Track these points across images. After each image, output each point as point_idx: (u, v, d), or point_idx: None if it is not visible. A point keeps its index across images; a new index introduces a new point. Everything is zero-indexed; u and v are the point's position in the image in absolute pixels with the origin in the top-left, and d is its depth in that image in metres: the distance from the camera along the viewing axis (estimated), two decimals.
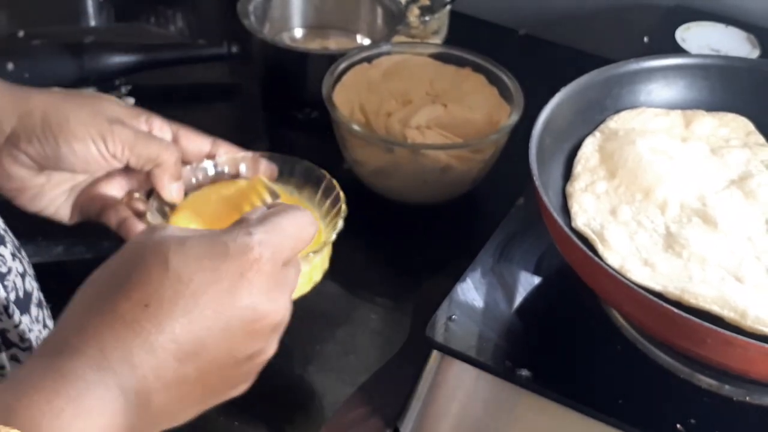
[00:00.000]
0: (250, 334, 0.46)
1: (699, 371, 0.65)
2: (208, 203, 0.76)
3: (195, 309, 0.44)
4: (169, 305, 0.43)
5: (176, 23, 1.21)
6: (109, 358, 0.42)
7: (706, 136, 0.78)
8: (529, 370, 0.65)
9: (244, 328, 0.46)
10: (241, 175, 0.77)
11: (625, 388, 0.65)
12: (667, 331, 0.61)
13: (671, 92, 0.81)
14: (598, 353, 0.68)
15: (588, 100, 0.77)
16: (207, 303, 0.44)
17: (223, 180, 0.77)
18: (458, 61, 0.96)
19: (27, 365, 0.42)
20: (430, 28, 1.10)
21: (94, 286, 0.45)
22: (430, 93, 0.93)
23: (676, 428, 0.62)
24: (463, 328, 0.69)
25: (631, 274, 0.64)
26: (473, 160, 0.88)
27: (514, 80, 0.91)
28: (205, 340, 0.44)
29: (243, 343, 0.46)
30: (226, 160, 0.77)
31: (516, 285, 0.74)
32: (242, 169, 0.78)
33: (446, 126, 0.89)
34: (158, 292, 0.43)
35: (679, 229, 0.67)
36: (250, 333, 0.46)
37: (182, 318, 0.43)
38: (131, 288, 0.43)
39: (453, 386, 0.69)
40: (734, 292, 0.62)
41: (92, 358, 0.41)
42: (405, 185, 0.89)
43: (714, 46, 0.98)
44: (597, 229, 0.68)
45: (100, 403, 0.40)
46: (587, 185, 0.72)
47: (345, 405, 0.71)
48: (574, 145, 0.76)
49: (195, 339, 0.44)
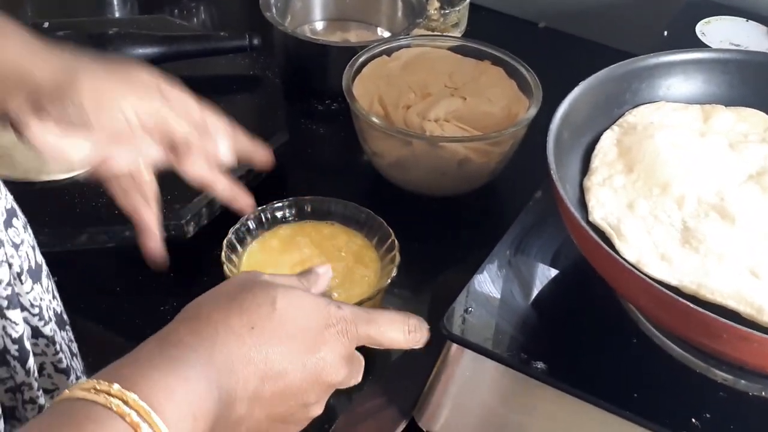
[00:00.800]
0: (316, 383, 0.54)
1: (714, 366, 0.65)
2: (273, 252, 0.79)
3: (288, 344, 0.52)
4: (269, 334, 0.52)
5: (199, 15, 1.22)
6: (215, 359, 0.49)
7: (725, 131, 0.78)
8: (545, 362, 0.65)
9: (315, 375, 0.53)
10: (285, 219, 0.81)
11: (640, 381, 0.65)
12: (683, 326, 0.61)
13: (690, 87, 0.81)
14: (614, 346, 0.69)
15: (607, 94, 0.77)
16: (299, 344, 0.53)
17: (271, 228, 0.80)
18: (477, 54, 0.96)
19: (145, 348, 0.49)
20: (449, 20, 1.11)
21: (209, 301, 0.53)
22: (449, 86, 0.93)
23: (691, 422, 0.62)
24: (479, 320, 0.69)
25: (648, 269, 0.64)
26: (491, 153, 0.88)
27: (533, 73, 0.91)
28: (287, 371, 0.52)
29: (309, 389, 0.53)
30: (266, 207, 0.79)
31: (533, 278, 0.75)
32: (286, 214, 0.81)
33: (464, 119, 0.89)
34: (263, 320, 0.52)
35: (696, 224, 0.67)
36: (317, 382, 0.54)
37: (277, 347, 0.52)
38: (242, 310, 0.52)
39: (469, 378, 0.69)
40: (751, 288, 0.62)
41: (202, 355, 0.49)
42: (423, 177, 0.89)
43: (734, 40, 0.98)
44: (614, 224, 0.68)
45: (203, 391, 0.48)
46: (605, 179, 0.72)
47: (361, 395, 0.72)
48: (592, 139, 0.77)
49: (280, 367, 0.52)
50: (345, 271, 0.77)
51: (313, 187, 0.82)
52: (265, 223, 0.80)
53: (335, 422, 0.69)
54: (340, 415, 0.70)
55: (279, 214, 0.81)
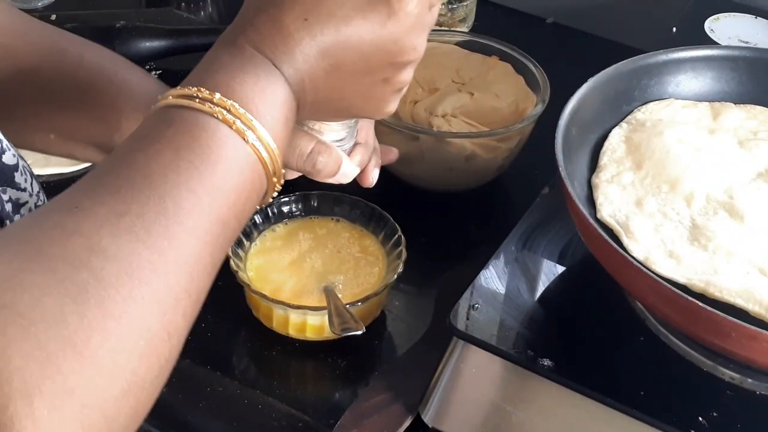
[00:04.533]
0: (388, 61, 0.53)
1: (722, 364, 0.65)
2: (279, 246, 0.79)
3: (345, 30, 0.50)
4: (325, 21, 0.50)
5: (206, 9, 1.22)
6: (280, 60, 0.49)
7: (734, 128, 0.77)
8: (551, 359, 0.65)
9: (384, 54, 0.52)
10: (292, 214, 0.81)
11: (647, 379, 0.65)
12: (691, 324, 0.61)
13: (699, 84, 0.81)
14: (621, 344, 0.68)
15: (615, 90, 0.77)
16: (356, 27, 0.51)
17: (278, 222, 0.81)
18: (485, 50, 0.96)
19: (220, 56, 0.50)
20: (457, 15, 1.10)
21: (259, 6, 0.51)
22: (457, 81, 0.93)
23: (698, 421, 0.62)
24: (485, 316, 0.69)
25: (656, 266, 0.64)
26: (498, 149, 0.88)
27: (541, 69, 0.91)
28: (350, 57, 0.51)
29: (380, 68, 0.53)
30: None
31: (539, 274, 0.75)
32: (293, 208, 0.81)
33: (472, 114, 0.89)
34: (316, 9, 0.50)
35: (705, 222, 0.67)
36: (389, 60, 0.53)
37: (333, 35, 0.50)
38: (294, 3, 0.50)
39: (475, 374, 0.69)
40: (760, 286, 0.62)
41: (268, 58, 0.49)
42: (430, 173, 0.89)
43: (743, 37, 0.97)
44: (622, 221, 0.68)
45: (283, 90, 0.49)
46: (613, 176, 0.72)
47: (367, 391, 0.72)
48: (600, 135, 0.76)
49: (342, 55, 0.51)
50: (351, 267, 0.77)
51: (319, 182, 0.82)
52: (271, 218, 0.80)
53: (341, 417, 0.69)
54: (345, 410, 0.70)
55: (285, 209, 0.81)
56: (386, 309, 0.79)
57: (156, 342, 0.40)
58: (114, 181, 0.43)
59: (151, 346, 0.40)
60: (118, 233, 0.40)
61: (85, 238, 0.40)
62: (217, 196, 0.44)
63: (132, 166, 0.44)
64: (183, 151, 0.44)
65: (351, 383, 0.74)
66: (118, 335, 0.38)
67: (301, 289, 0.75)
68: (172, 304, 0.41)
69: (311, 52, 0.50)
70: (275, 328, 0.75)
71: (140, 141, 0.45)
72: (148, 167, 0.43)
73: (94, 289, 0.38)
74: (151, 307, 0.40)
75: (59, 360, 0.36)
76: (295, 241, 0.79)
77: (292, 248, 0.78)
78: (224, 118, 0.45)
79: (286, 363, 0.76)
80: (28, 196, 0.57)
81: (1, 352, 0.35)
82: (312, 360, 0.76)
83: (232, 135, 0.46)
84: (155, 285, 0.40)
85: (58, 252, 0.39)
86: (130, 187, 0.42)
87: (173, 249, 0.42)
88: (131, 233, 0.41)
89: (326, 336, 0.74)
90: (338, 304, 0.72)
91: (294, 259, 0.77)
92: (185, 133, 0.45)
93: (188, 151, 0.44)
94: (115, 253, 0.40)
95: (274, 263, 0.77)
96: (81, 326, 0.37)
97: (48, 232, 0.40)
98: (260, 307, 0.75)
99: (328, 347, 0.76)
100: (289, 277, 0.76)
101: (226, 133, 0.45)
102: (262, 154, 0.47)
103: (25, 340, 0.35)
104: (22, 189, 0.56)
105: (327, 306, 0.72)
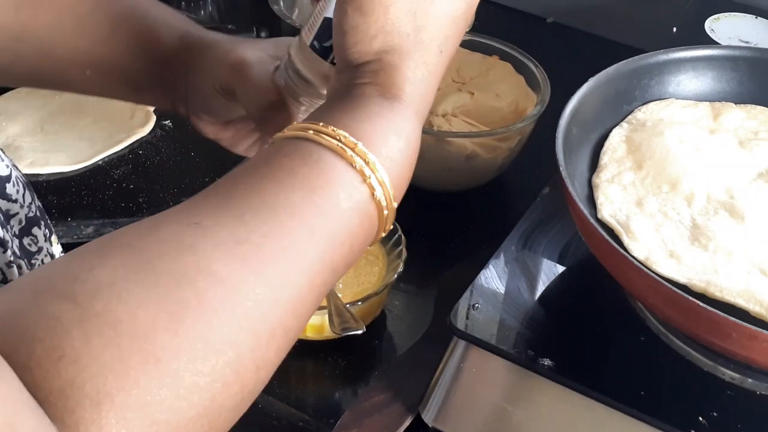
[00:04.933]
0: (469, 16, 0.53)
1: (722, 364, 0.65)
2: None
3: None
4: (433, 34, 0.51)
5: (206, 8, 1.22)
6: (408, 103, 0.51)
7: (735, 128, 0.77)
8: (552, 359, 0.65)
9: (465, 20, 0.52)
10: None
11: (647, 379, 0.65)
12: (691, 324, 0.61)
13: (700, 84, 0.80)
14: (621, 344, 0.68)
15: (616, 90, 0.77)
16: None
17: None
18: (485, 49, 0.96)
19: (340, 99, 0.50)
20: None
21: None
22: (457, 80, 0.93)
23: (698, 421, 0.62)
24: (485, 316, 0.69)
25: (657, 266, 0.64)
26: (499, 149, 0.88)
27: (541, 69, 0.91)
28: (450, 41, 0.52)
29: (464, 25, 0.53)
30: None
31: (539, 274, 0.74)
32: None
33: (472, 114, 0.89)
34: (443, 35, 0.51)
35: (705, 222, 0.67)
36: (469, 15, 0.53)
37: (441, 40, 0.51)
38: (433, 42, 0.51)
39: (475, 374, 0.69)
40: (760, 286, 0.62)
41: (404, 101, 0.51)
42: (430, 172, 0.89)
43: (743, 37, 0.97)
44: (623, 221, 0.68)
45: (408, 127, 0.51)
46: (614, 176, 0.72)
47: (367, 390, 0.72)
48: (601, 135, 0.76)
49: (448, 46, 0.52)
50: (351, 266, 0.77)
51: None
52: None
53: (341, 417, 0.69)
54: (345, 409, 0.70)
55: None
56: (386, 309, 0.79)
57: (243, 372, 0.39)
58: (238, 205, 0.42)
59: (237, 376, 0.39)
60: (233, 260, 0.40)
61: (198, 258, 0.39)
62: (334, 244, 0.45)
63: (259, 194, 0.43)
64: (315, 194, 0.44)
65: (351, 383, 0.74)
66: (206, 359, 0.37)
67: None
68: (268, 338, 0.41)
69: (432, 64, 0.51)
70: None
71: (273, 169, 0.45)
72: (276, 200, 0.43)
73: (194, 309, 0.37)
74: (247, 338, 0.39)
75: (138, 373, 0.35)
76: None
77: None
78: (361, 169, 0.46)
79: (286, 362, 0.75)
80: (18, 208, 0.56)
81: (79, 359, 0.34)
82: (312, 359, 0.76)
83: (362, 188, 0.46)
84: (256, 317, 0.40)
85: (166, 266, 0.38)
86: (255, 216, 0.42)
87: (282, 287, 0.41)
88: (245, 262, 0.40)
89: (326, 335, 0.74)
90: (338, 303, 0.72)
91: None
92: (319, 176, 0.45)
93: (319, 195, 0.44)
94: (225, 278, 0.39)
95: None
96: (170, 343, 0.36)
97: (162, 244, 0.39)
98: None
99: (328, 347, 0.76)
100: None
101: (357, 187, 0.46)
102: (382, 208, 0.48)
103: (107, 350, 0.35)
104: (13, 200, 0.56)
105: (327, 305, 0.72)
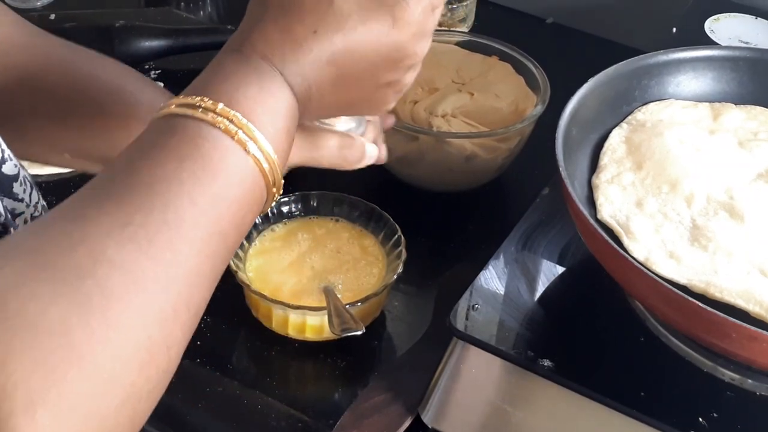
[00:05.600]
0: (391, 67, 0.55)
1: (722, 365, 0.65)
2: (279, 247, 0.79)
3: (351, 40, 0.52)
4: (332, 32, 0.51)
5: (205, 8, 1.22)
6: (289, 69, 0.51)
7: (734, 128, 0.77)
8: (551, 360, 0.65)
9: (387, 60, 0.54)
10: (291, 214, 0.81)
11: (647, 380, 0.65)
12: (691, 325, 0.61)
13: (700, 84, 0.80)
14: (621, 345, 0.68)
15: (616, 90, 0.77)
16: (362, 36, 0.52)
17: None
18: (485, 50, 0.96)
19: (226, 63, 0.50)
20: (457, 15, 1.10)
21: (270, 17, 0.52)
22: (457, 81, 0.93)
23: (698, 421, 0.62)
24: (485, 316, 0.69)
25: (656, 267, 0.64)
26: (498, 149, 0.88)
27: (541, 69, 0.91)
28: (356, 65, 0.53)
29: (384, 72, 0.55)
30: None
31: (539, 275, 0.74)
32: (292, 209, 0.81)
33: (472, 114, 0.89)
34: (324, 20, 0.51)
35: (705, 222, 0.67)
36: (392, 66, 0.55)
37: (341, 44, 0.52)
38: (303, 14, 0.51)
39: (475, 374, 0.69)
40: (760, 287, 0.62)
41: (276, 67, 0.50)
42: (430, 173, 0.89)
43: (743, 38, 0.97)
44: (622, 221, 0.68)
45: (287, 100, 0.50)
46: (613, 176, 0.72)
47: (367, 391, 0.72)
48: (600, 136, 0.76)
49: (348, 64, 0.52)
50: (351, 267, 0.77)
51: (319, 182, 0.82)
52: (270, 218, 0.80)
53: (341, 418, 0.69)
54: (345, 410, 0.70)
55: (285, 209, 0.80)
56: (386, 309, 0.79)
57: (155, 353, 0.40)
58: (118, 189, 0.43)
59: (150, 357, 0.40)
60: (123, 243, 0.41)
61: (90, 248, 0.40)
62: (218, 207, 0.45)
63: (135, 174, 0.44)
64: (186, 162, 0.44)
65: (350, 383, 0.74)
66: (120, 345, 0.38)
67: (301, 290, 0.75)
68: (172, 315, 0.42)
69: (320, 62, 0.51)
70: (275, 328, 0.75)
71: (143, 149, 0.46)
72: (151, 176, 0.44)
73: (99, 300, 0.38)
74: (153, 318, 0.40)
75: (63, 370, 0.36)
76: (294, 241, 0.79)
77: (292, 248, 0.78)
78: (226, 128, 0.46)
79: (285, 363, 0.76)
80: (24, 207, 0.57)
81: (5, 364, 0.35)
82: (311, 360, 0.76)
83: (233, 146, 0.46)
84: (157, 296, 0.41)
85: (65, 261, 0.39)
86: (133, 197, 0.43)
87: (175, 260, 0.42)
88: (135, 243, 0.41)
89: (326, 336, 0.74)
90: (338, 304, 0.72)
91: (293, 259, 0.77)
92: (188, 143, 0.45)
93: (191, 161, 0.45)
94: (120, 263, 0.40)
95: (273, 263, 0.77)
96: (85, 337, 0.37)
97: (55, 240, 0.40)
98: (260, 307, 0.75)
99: (327, 347, 0.75)
100: (289, 277, 0.76)
101: (228, 144, 0.46)
102: (263, 165, 0.47)
103: (29, 350, 0.36)
104: (20, 199, 0.56)
105: (326, 306, 0.72)
